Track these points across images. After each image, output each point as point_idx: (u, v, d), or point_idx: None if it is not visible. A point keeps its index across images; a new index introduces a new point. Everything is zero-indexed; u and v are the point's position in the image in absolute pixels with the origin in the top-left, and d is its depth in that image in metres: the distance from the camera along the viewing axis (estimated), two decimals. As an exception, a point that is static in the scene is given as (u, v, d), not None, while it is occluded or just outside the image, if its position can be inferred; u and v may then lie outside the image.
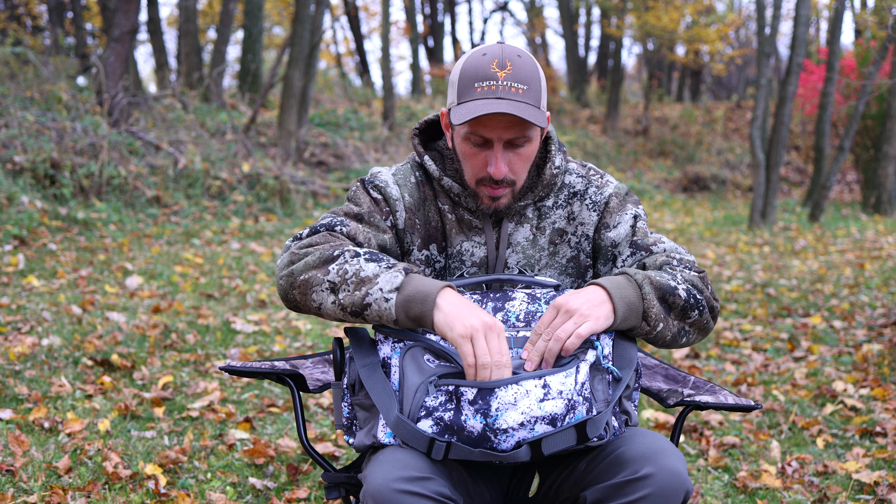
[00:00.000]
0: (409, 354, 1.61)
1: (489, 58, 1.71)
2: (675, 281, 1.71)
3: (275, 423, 3.47)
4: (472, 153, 1.76)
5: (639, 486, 1.54)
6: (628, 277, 1.68)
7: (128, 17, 9.67)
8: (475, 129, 1.72)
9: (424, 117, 1.93)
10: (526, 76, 1.71)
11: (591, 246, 1.88)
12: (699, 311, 1.72)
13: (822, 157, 12.54)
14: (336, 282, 1.62)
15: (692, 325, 1.73)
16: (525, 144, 1.75)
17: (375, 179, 1.84)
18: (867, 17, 14.42)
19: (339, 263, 1.63)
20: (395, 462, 1.53)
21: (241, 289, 5.80)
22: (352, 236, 1.74)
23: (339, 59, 27.28)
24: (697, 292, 1.73)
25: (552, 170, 1.84)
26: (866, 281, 6.93)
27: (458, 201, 1.84)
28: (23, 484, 2.71)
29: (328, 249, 1.66)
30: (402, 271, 1.61)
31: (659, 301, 1.68)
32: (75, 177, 7.87)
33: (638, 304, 1.66)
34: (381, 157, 12.45)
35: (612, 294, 1.64)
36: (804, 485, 3.01)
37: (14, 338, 4.23)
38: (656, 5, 17.02)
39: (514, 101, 1.68)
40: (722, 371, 4.39)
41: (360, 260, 1.63)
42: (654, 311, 1.67)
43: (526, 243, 1.85)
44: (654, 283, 1.68)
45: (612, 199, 1.87)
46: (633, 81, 30.95)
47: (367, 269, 1.61)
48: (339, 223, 1.76)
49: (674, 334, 1.71)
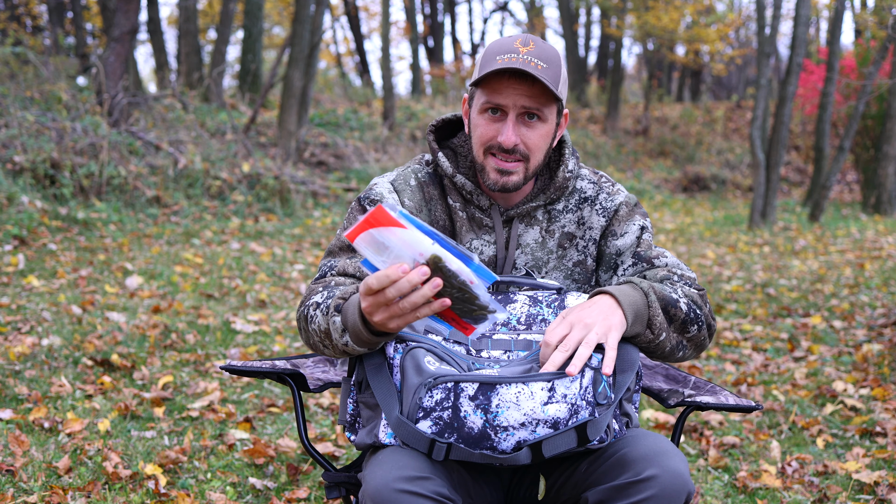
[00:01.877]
0: (410, 355, 1.61)
1: (513, 38, 1.75)
2: (677, 294, 1.73)
3: (275, 423, 3.47)
4: (485, 122, 1.76)
5: (642, 487, 1.54)
6: (633, 286, 1.70)
7: (128, 17, 9.68)
8: (491, 97, 1.73)
9: (441, 116, 1.94)
10: (547, 57, 1.72)
11: (596, 251, 1.89)
12: (698, 326, 1.74)
13: (822, 157, 12.54)
14: (318, 343, 1.70)
15: (690, 341, 1.75)
16: (538, 122, 1.75)
17: (370, 194, 1.86)
18: (867, 17, 14.42)
19: (310, 324, 1.69)
20: (394, 462, 1.53)
21: (241, 289, 5.80)
22: (342, 273, 1.77)
23: (339, 59, 27.29)
24: (697, 308, 1.75)
25: (565, 173, 1.85)
26: (866, 281, 6.93)
27: (469, 199, 1.84)
28: (23, 484, 2.71)
29: (304, 310, 1.72)
30: (336, 312, 1.62)
31: (662, 311, 1.69)
32: (75, 177, 7.87)
33: (644, 311, 1.67)
34: (381, 157, 12.44)
35: (621, 301, 1.64)
36: (804, 485, 3.01)
37: (14, 338, 4.23)
38: (656, 5, 17.02)
39: (534, 71, 1.69)
40: (722, 371, 4.39)
41: (318, 314, 1.67)
42: (658, 320, 1.68)
43: (535, 245, 1.85)
44: (657, 293, 1.70)
45: (622, 207, 1.88)
46: (633, 81, 30.95)
47: (322, 323, 1.65)
48: (329, 268, 1.79)
49: (672, 346, 1.73)
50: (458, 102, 17.96)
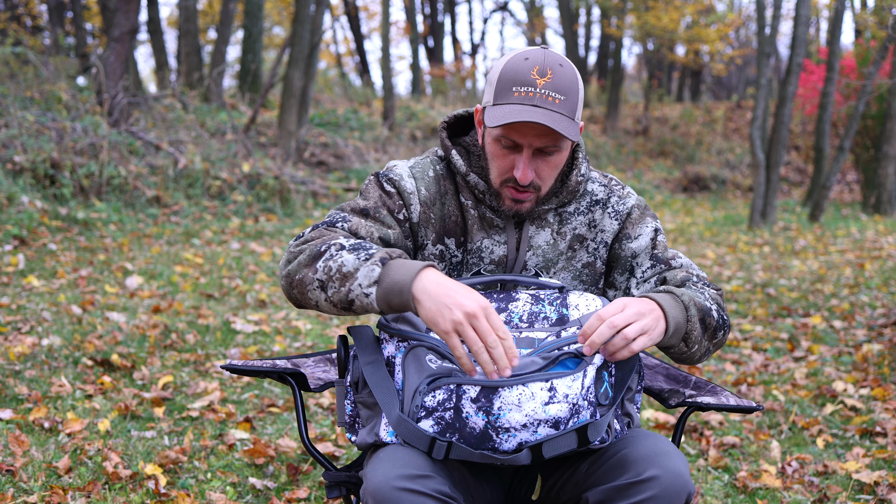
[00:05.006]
0: (412, 354, 1.61)
1: (531, 63, 1.69)
2: (708, 301, 1.73)
3: (275, 423, 3.47)
4: (501, 154, 1.75)
5: (642, 487, 1.54)
6: (675, 297, 1.69)
7: (128, 17, 9.67)
8: (507, 133, 1.71)
9: (454, 112, 1.92)
10: (565, 86, 1.69)
11: (608, 254, 1.89)
12: (724, 331, 1.77)
13: (822, 157, 12.54)
14: (324, 279, 1.60)
15: (716, 346, 1.78)
16: (555, 153, 1.74)
17: (390, 173, 1.83)
18: (867, 17, 14.41)
19: (324, 259, 1.61)
20: (395, 460, 1.53)
21: (241, 289, 5.80)
22: (353, 231, 1.72)
23: (339, 59, 27.29)
24: (724, 312, 1.77)
25: (577, 177, 1.84)
26: (866, 281, 6.93)
27: (481, 198, 1.83)
28: (23, 484, 2.71)
29: (317, 245, 1.64)
30: (379, 262, 1.56)
31: (700, 324, 1.70)
32: (75, 177, 7.86)
33: (683, 325, 1.67)
34: (382, 157, 12.44)
35: (667, 313, 1.64)
36: (804, 485, 3.01)
37: (14, 338, 4.23)
38: (656, 5, 17.02)
39: (550, 112, 1.66)
40: (722, 371, 4.39)
41: (344, 253, 1.60)
42: (695, 334, 1.69)
43: (546, 247, 1.85)
44: (697, 305, 1.70)
45: (635, 210, 1.89)
46: (633, 81, 30.96)
47: (348, 262, 1.57)
48: (341, 219, 1.74)
49: (701, 354, 1.75)
50: (459, 102, 17.97)
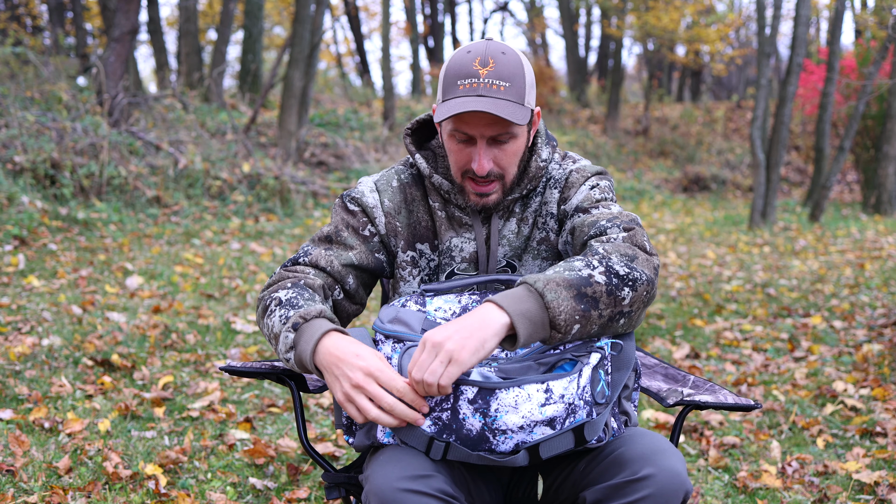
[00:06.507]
0: (408, 355, 1.61)
1: (472, 55, 1.72)
2: (590, 267, 1.57)
3: (275, 423, 3.47)
4: (457, 149, 1.77)
5: (639, 486, 1.54)
6: (528, 287, 1.54)
7: (128, 17, 9.68)
8: (458, 126, 1.73)
9: (416, 117, 1.95)
10: (508, 73, 1.70)
11: (556, 223, 1.87)
12: (630, 286, 1.57)
13: (822, 157, 12.54)
14: (269, 336, 1.72)
15: (631, 304, 1.58)
16: (509, 141, 1.75)
17: (353, 192, 1.90)
18: (867, 17, 14.41)
19: (267, 316, 1.72)
20: (396, 461, 1.53)
21: (241, 289, 5.80)
22: (314, 264, 1.81)
23: (339, 59, 27.30)
24: (623, 265, 1.59)
25: (538, 163, 1.85)
26: (866, 281, 6.93)
27: (448, 198, 1.86)
28: (23, 484, 2.71)
29: (266, 300, 1.75)
30: (292, 328, 1.64)
31: (575, 300, 1.53)
32: (75, 177, 7.87)
33: (541, 314, 1.51)
34: (382, 157, 12.45)
35: (509, 310, 1.51)
36: (804, 485, 3.01)
37: (14, 338, 4.24)
38: (656, 5, 17.03)
39: (495, 99, 1.68)
40: (722, 371, 4.39)
41: (277, 311, 1.69)
42: (563, 318, 1.51)
43: (512, 236, 1.87)
44: (561, 284, 1.53)
45: (573, 174, 1.86)
46: (634, 81, 30.96)
47: (276, 325, 1.67)
48: (303, 254, 1.84)
49: (603, 324, 1.57)
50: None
